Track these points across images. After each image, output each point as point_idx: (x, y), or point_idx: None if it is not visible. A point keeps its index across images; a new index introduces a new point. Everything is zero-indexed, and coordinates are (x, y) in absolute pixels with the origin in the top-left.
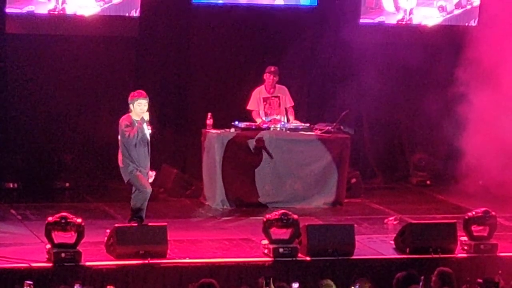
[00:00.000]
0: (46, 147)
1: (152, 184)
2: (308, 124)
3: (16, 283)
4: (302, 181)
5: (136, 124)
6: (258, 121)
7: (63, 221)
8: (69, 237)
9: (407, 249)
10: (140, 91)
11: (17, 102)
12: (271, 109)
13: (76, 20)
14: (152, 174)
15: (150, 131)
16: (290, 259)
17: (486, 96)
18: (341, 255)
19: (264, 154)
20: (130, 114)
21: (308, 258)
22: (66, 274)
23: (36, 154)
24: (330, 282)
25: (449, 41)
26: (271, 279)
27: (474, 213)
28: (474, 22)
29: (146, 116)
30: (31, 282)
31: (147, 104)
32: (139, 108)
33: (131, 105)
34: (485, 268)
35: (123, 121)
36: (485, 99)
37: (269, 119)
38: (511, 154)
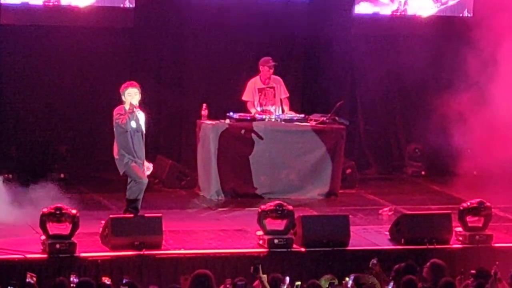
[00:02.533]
0: (40, 138)
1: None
2: (303, 115)
3: (11, 274)
4: (297, 172)
5: (128, 111)
6: (253, 111)
7: (58, 212)
8: (64, 228)
9: (402, 240)
10: (131, 81)
11: (11, 93)
12: (266, 100)
13: (70, 11)
14: (150, 166)
15: (142, 114)
16: (285, 250)
17: (481, 87)
18: (336, 246)
19: (259, 145)
20: (123, 105)
21: (303, 249)
22: (61, 265)
23: (30, 145)
24: (333, 278)
25: (443, 32)
26: (260, 265)
27: (469, 203)
28: (469, 12)
29: (134, 101)
30: (34, 275)
31: (137, 93)
32: (130, 97)
33: (122, 96)
34: (480, 258)
35: (115, 111)
36: (480, 89)
37: (263, 109)
38: (506, 145)
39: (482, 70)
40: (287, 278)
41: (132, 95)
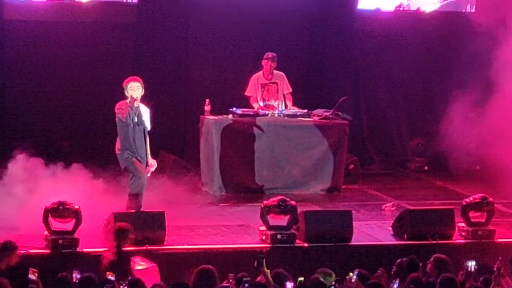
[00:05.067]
0: (43, 132)
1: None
2: (306, 110)
3: (13, 269)
4: (300, 167)
5: (128, 105)
6: (256, 107)
7: (61, 207)
8: (67, 224)
9: (405, 235)
10: (133, 76)
11: (15, 88)
12: (269, 95)
13: (73, 7)
14: (154, 162)
15: (147, 110)
16: (288, 245)
17: (485, 81)
18: (339, 242)
19: (261, 140)
20: (126, 100)
21: (305, 245)
22: (64, 261)
23: (33, 140)
24: (328, 270)
25: (447, 27)
26: (264, 260)
27: (471, 199)
28: (471, 8)
29: (136, 95)
30: (35, 270)
31: (140, 87)
32: (132, 91)
33: (125, 91)
34: (482, 254)
35: (117, 106)
36: (484, 84)
37: (266, 104)
38: (509, 140)
39: (485, 65)
40: (290, 285)
41: (134, 89)
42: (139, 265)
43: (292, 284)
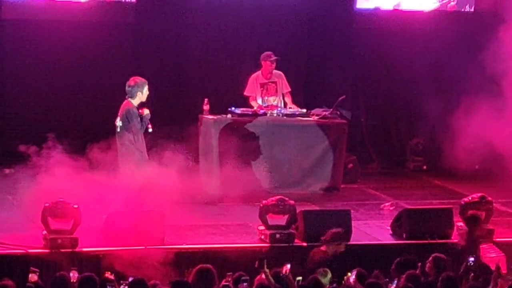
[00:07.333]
0: (42, 132)
1: None
2: (305, 110)
3: (12, 269)
4: (298, 166)
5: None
6: (255, 105)
7: (59, 207)
8: (65, 223)
9: (404, 235)
10: (139, 77)
11: (13, 88)
12: (268, 95)
13: (72, 6)
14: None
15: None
16: (287, 244)
17: (483, 81)
18: None
19: (260, 140)
20: (131, 101)
21: (304, 244)
22: (63, 260)
23: (32, 140)
24: (326, 270)
25: (445, 26)
26: (265, 260)
27: (470, 198)
28: (470, 7)
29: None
30: (36, 270)
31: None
32: (146, 94)
33: (139, 92)
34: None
35: (131, 109)
36: (482, 83)
37: (265, 104)
38: (508, 139)
39: (484, 64)
40: (288, 265)
41: (146, 92)
42: (489, 253)
43: (289, 265)
